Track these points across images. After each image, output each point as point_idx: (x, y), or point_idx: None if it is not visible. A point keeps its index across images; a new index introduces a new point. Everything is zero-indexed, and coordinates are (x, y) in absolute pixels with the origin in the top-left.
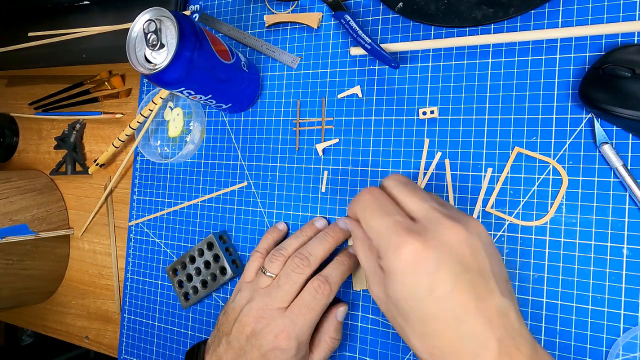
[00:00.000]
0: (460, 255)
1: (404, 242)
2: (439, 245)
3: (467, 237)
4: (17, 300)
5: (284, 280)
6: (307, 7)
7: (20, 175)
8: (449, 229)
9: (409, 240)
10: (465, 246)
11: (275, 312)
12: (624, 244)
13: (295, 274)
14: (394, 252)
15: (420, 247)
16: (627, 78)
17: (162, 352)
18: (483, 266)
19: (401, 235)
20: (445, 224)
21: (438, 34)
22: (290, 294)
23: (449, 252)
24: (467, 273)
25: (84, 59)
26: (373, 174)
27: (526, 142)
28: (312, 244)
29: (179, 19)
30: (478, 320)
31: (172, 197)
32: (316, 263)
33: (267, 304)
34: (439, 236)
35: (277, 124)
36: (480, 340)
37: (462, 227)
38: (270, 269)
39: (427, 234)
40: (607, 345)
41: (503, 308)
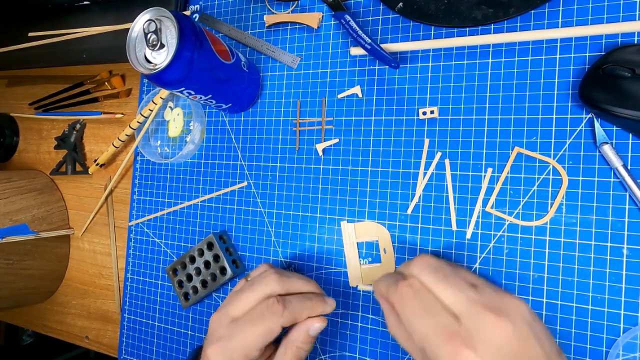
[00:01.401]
0: (512, 352)
1: (457, 353)
2: (489, 348)
3: (512, 330)
4: (17, 300)
5: (245, 288)
6: (307, 7)
7: (20, 175)
8: (494, 326)
9: (461, 349)
10: (513, 341)
11: (225, 319)
12: (624, 244)
13: (259, 284)
14: None
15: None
16: (627, 78)
17: (162, 352)
18: (535, 354)
19: (451, 343)
20: (489, 320)
21: (438, 34)
22: (243, 303)
23: (498, 352)
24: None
25: (84, 59)
26: (373, 174)
27: (526, 142)
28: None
29: (179, 19)
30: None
31: (172, 197)
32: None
33: (225, 307)
34: (487, 338)
35: (277, 124)
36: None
37: (506, 321)
38: (252, 274)
39: (474, 337)
40: (607, 346)
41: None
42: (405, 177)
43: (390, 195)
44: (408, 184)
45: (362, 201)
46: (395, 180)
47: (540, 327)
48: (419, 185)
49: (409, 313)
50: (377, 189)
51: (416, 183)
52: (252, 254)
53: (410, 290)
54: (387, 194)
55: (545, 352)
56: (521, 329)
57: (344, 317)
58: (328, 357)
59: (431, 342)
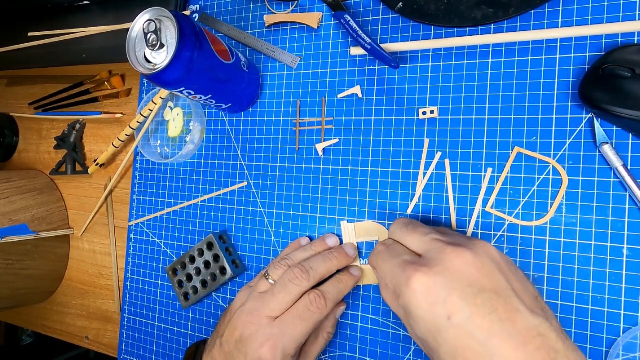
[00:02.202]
0: (469, 278)
1: (410, 276)
2: (443, 270)
3: (472, 259)
4: (17, 300)
5: (279, 289)
6: (307, 7)
7: (20, 175)
8: (452, 254)
9: (414, 273)
10: (473, 268)
11: (264, 319)
12: (624, 244)
13: (293, 284)
14: (405, 289)
15: (425, 277)
16: (627, 78)
17: (162, 352)
18: (498, 285)
19: (407, 271)
20: (447, 250)
21: (438, 34)
22: (282, 304)
23: (455, 276)
24: (482, 294)
25: (84, 59)
26: (373, 174)
27: (526, 142)
28: (316, 260)
29: (179, 19)
30: (509, 344)
31: (172, 197)
32: (315, 279)
33: (258, 309)
34: (443, 263)
35: (277, 124)
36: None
37: (465, 250)
38: (273, 275)
39: (431, 264)
40: (607, 346)
41: (536, 327)
42: (405, 177)
43: (390, 195)
44: (408, 184)
45: (362, 201)
46: (395, 180)
47: (511, 268)
48: (419, 185)
49: (380, 263)
50: (377, 189)
51: (416, 183)
52: (252, 254)
53: (382, 247)
54: (387, 194)
55: (512, 287)
56: (483, 260)
57: (344, 317)
58: (328, 357)
59: (394, 277)
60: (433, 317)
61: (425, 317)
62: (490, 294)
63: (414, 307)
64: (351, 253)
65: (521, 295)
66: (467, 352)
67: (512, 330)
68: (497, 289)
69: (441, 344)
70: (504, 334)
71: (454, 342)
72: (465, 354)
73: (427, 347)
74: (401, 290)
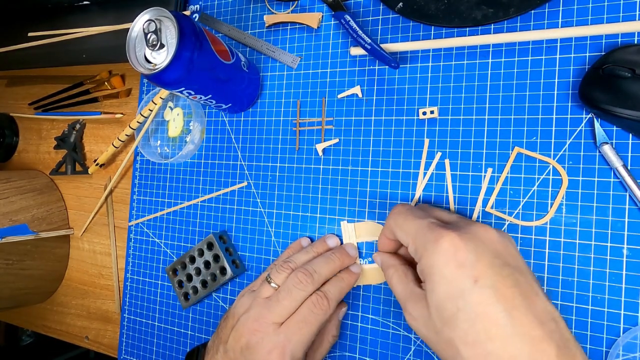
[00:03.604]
0: (495, 250)
1: (441, 235)
2: (474, 237)
3: (498, 237)
4: (17, 300)
5: (284, 295)
6: (307, 7)
7: (20, 175)
8: (480, 227)
9: (446, 232)
10: (499, 244)
11: (270, 326)
12: (624, 244)
13: (297, 289)
14: (433, 246)
15: (457, 237)
16: (627, 78)
17: (162, 352)
18: (521, 265)
19: (438, 230)
20: (478, 224)
21: (438, 34)
22: (288, 309)
23: (484, 244)
24: (507, 268)
25: (84, 59)
26: (373, 174)
27: (526, 142)
28: (318, 262)
29: (179, 19)
30: (530, 320)
31: (172, 197)
32: (319, 282)
33: (264, 316)
34: (472, 231)
35: (277, 124)
36: (536, 343)
37: (491, 228)
38: (276, 279)
39: (461, 229)
40: (607, 346)
41: (551, 312)
42: (405, 177)
43: (390, 195)
44: (408, 184)
45: (362, 201)
46: (395, 180)
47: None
48: (419, 185)
49: (403, 221)
50: (377, 189)
51: (416, 183)
52: (252, 254)
53: (404, 208)
54: (387, 194)
55: (527, 270)
56: (507, 242)
57: (344, 317)
58: (328, 357)
59: (421, 234)
60: (459, 277)
61: (450, 276)
62: (513, 269)
63: (440, 264)
64: (352, 253)
65: (531, 281)
66: (488, 320)
67: (532, 308)
68: (520, 268)
69: (461, 308)
70: (524, 310)
71: (476, 307)
72: (485, 321)
73: (441, 316)
74: (426, 248)
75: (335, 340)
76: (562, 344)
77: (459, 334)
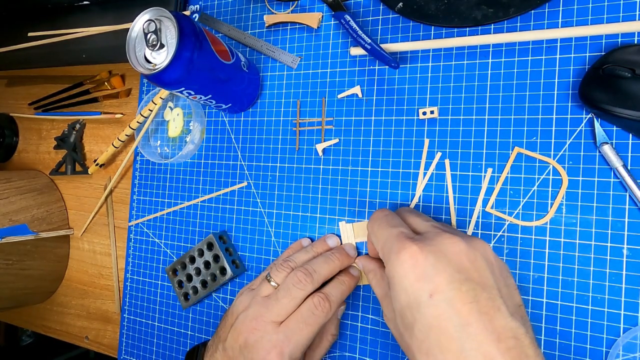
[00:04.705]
0: (459, 265)
1: (404, 247)
2: (436, 251)
3: (466, 250)
4: (17, 300)
5: (283, 294)
6: (307, 7)
7: (20, 175)
8: (448, 239)
9: (409, 244)
10: (465, 257)
11: (269, 325)
12: (624, 244)
13: (296, 288)
14: (395, 256)
15: (417, 251)
16: (627, 78)
17: (162, 352)
18: (485, 280)
19: (402, 241)
20: (444, 235)
21: (438, 34)
22: (287, 309)
23: (446, 259)
24: (467, 282)
25: (84, 59)
26: (373, 174)
27: (526, 142)
28: (318, 262)
29: (179, 19)
30: (484, 336)
31: (172, 197)
32: (319, 281)
33: (263, 315)
34: (437, 244)
35: (277, 124)
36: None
37: (461, 240)
38: (275, 278)
39: (426, 241)
40: (607, 346)
41: (512, 329)
42: (405, 177)
43: (390, 195)
44: (408, 184)
45: (362, 201)
46: (395, 180)
47: (502, 272)
48: (419, 185)
49: (377, 229)
50: (377, 189)
51: (416, 183)
52: (252, 254)
53: (382, 215)
54: (387, 194)
55: (498, 287)
56: (476, 255)
57: (344, 317)
58: (328, 357)
59: (388, 244)
60: (416, 290)
61: (409, 288)
62: (475, 285)
63: (399, 276)
64: (352, 253)
65: (505, 298)
66: (441, 334)
67: (488, 324)
68: (484, 284)
69: (417, 319)
70: (480, 326)
71: (431, 320)
72: (439, 334)
73: (402, 323)
74: (390, 257)
75: (335, 340)
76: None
77: (415, 342)
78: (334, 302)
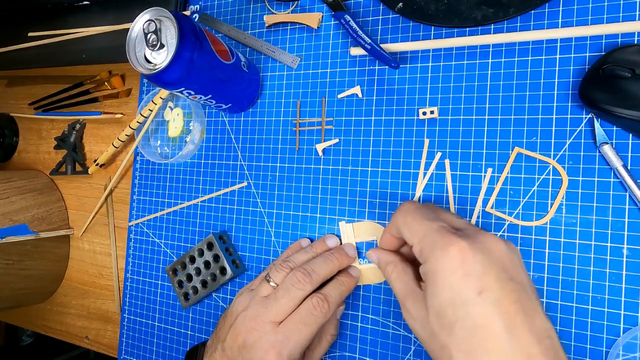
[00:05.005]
0: (503, 264)
1: (452, 241)
2: (484, 249)
3: (506, 250)
4: (17, 300)
5: (281, 294)
6: (307, 7)
7: (20, 175)
8: (491, 238)
9: (456, 240)
10: (507, 257)
11: (268, 325)
12: (624, 244)
13: (295, 289)
14: (441, 251)
15: (467, 247)
16: (627, 78)
17: (162, 352)
18: (525, 281)
19: (447, 236)
20: (487, 234)
21: (438, 34)
22: (286, 309)
23: (492, 257)
24: (512, 283)
25: (84, 59)
26: (373, 174)
27: (526, 142)
28: (317, 262)
29: (179, 19)
30: (528, 337)
31: (172, 197)
32: (318, 281)
33: (261, 315)
34: (483, 242)
35: (277, 124)
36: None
37: (500, 240)
38: (274, 278)
39: (471, 239)
40: (607, 346)
41: (548, 330)
42: (405, 177)
43: (390, 195)
44: (408, 184)
45: (362, 201)
46: (395, 181)
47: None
48: (419, 185)
49: (411, 220)
50: (377, 189)
51: (416, 183)
52: (252, 254)
53: (413, 206)
54: (387, 194)
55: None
56: (514, 255)
57: (344, 317)
58: (328, 357)
59: (429, 238)
60: (463, 287)
61: (455, 285)
62: (518, 285)
63: (447, 271)
64: (351, 253)
65: (532, 297)
66: (487, 333)
67: (531, 325)
68: (524, 284)
69: (460, 317)
70: (525, 327)
71: (477, 318)
72: (484, 333)
73: (439, 321)
74: (433, 252)
75: (334, 340)
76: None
77: (455, 340)
78: (333, 302)
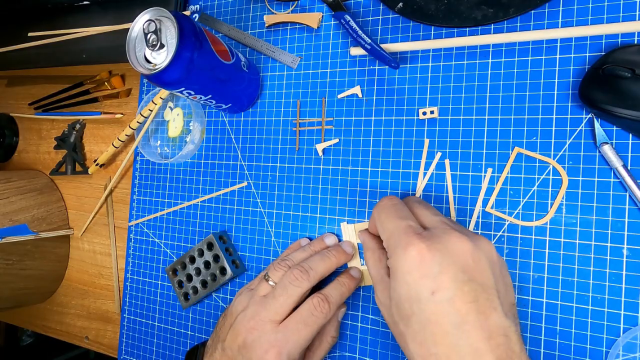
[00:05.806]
0: (463, 264)
1: (412, 242)
2: (443, 249)
3: (472, 250)
4: (17, 300)
5: (279, 292)
6: (307, 7)
7: (20, 175)
8: (455, 238)
9: (416, 241)
10: (470, 257)
11: (267, 324)
12: (624, 244)
13: (293, 286)
14: (402, 251)
15: (425, 248)
16: (627, 78)
17: (162, 352)
18: (486, 281)
19: (410, 237)
20: (452, 234)
21: (438, 34)
22: (284, 307)
23: (452, 258)
24: (470, 283)
25: (84, 59)
26: (373, 174)
27: (526, 142)
28: (314, 259)
29: (179, 19)
30: (477, 334)
31: (172, 197)
32: (315, 278)
33: (260, 314)
34: (445, 242)
35: (277, 124)
36: (477, 355)
37: (468, 240)
38: (273, 277)
39: (434, 239)
40: (607, 346)
41: (504, 328)
42: (405, 177)
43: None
44: (408, 184)
45: (362, 201)
46: (395, 181)
47: (501, 272)
48: (419, 185)
49: (384, 218)
50: (377, 189)
51: (416, 183)
52: (252, 254)
53: (390, 203)
54: (387, 194)
55: (497, 287)
56: (481, 255)
57: (344, 317)
58: (328, 357)
59: (394, 236)
60: (418, 286)
61: (411, 284)
62: (477, 286)
63: (403, 271)
64: (349, 250)
65: (502, 297)
66: (437, 328)
67: (484, 323)
68: (485, 285)
69: (416, 312)
70: (476, 324)
71: (429, 315)
72: (435, 329)
73: (398, 312)
74: (396, 251)
75: (335, 342)
76: (505, 357)
77: (410, 332)
78: (334, 303)
